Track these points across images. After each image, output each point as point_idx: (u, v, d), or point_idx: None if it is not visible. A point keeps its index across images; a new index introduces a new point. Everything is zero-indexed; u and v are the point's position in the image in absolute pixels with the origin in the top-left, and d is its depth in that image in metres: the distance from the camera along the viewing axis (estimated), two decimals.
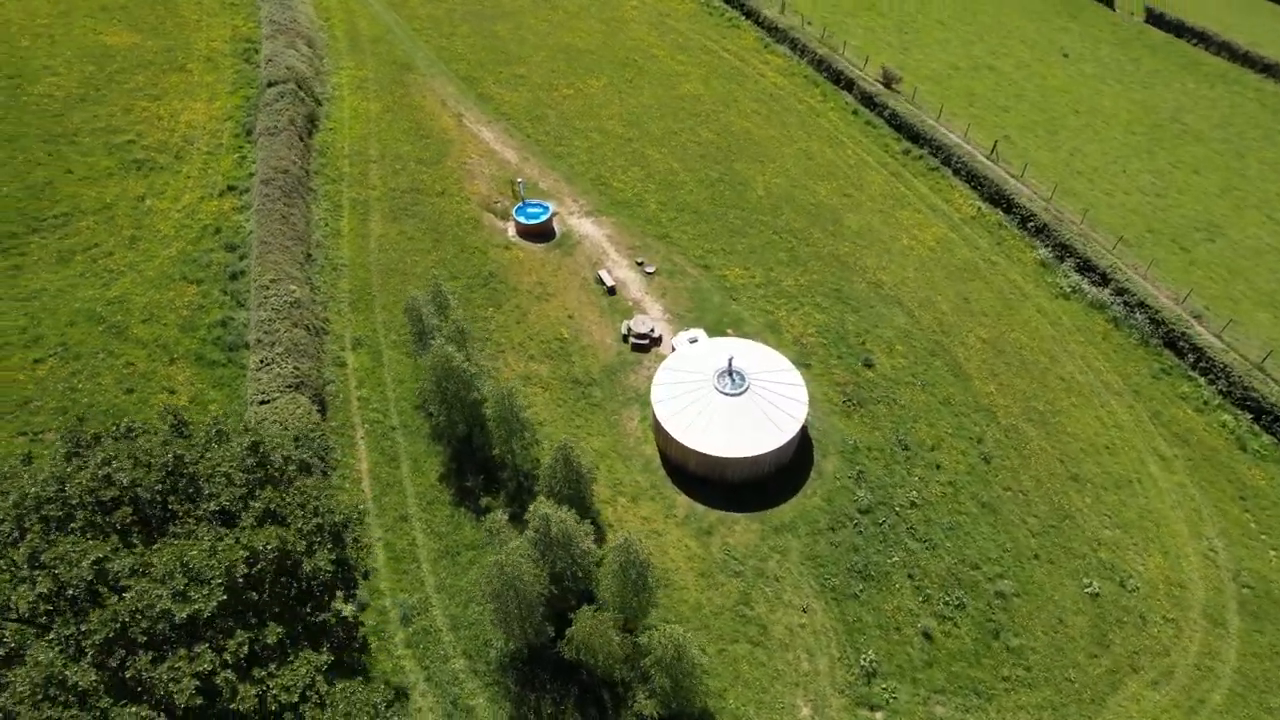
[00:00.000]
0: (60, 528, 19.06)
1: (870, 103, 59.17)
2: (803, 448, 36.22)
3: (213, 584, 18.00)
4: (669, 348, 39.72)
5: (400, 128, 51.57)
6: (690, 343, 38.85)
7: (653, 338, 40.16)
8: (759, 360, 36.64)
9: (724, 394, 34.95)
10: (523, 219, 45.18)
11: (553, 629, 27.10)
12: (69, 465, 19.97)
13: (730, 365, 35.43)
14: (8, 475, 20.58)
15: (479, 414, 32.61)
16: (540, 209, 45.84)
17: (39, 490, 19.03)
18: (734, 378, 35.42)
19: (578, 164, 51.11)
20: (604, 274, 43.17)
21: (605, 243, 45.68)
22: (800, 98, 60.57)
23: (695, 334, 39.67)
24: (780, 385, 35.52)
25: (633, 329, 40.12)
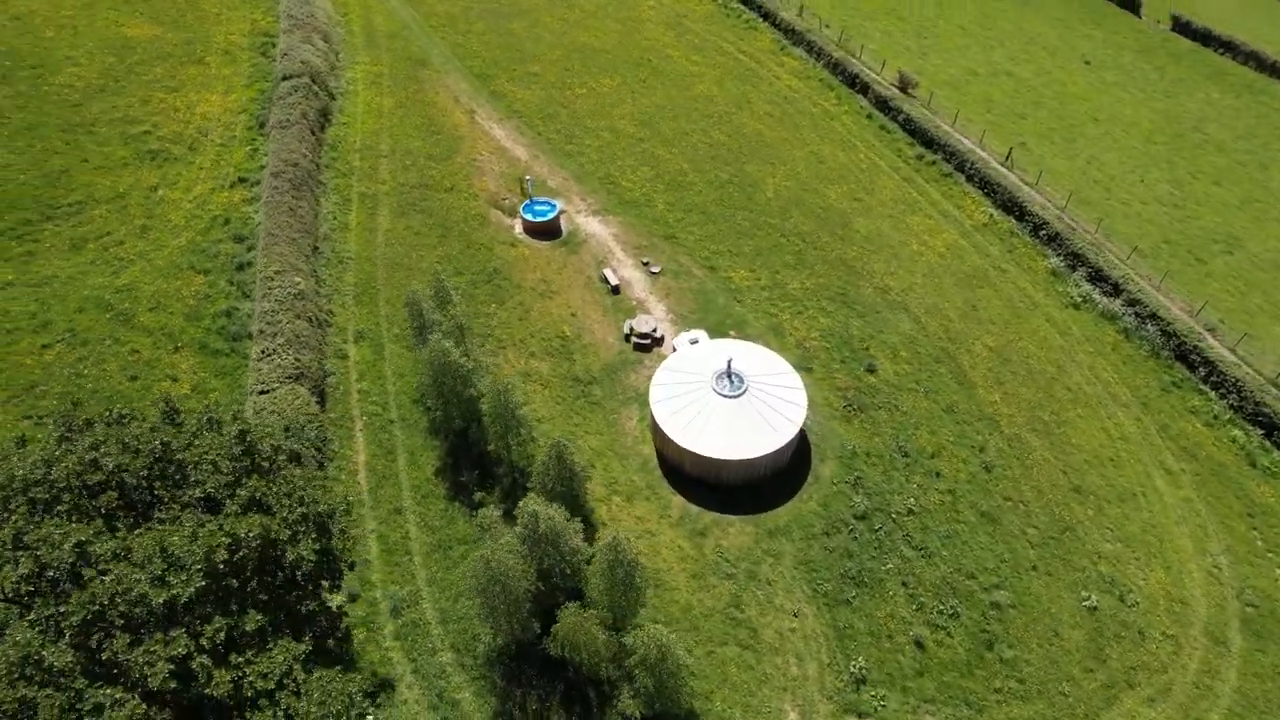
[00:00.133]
0: (47, 510, 19.33)
1: (885, 107, 58.77)
2: (801, 452, 36.01)
3: (192, 570, 18.17)
4: (671, 348, 39.65)
5: (412, 123, 51.88)
6: (691, 344, 38.77)
7: (655, 338, 40.11)
8: (759, 363, 36.47)
9: (722, 396, 34.83)
10: (530, 216, 45.31)
11: (539, 625, 27.12)
12: (58, 449, 20.25)
13: (729, 367, 35.30)
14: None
15: (476, 409, 32.71)
16: (547, 206, 45.95)
17: (27, 473, 19.31)
18: (732, 379, 35.28)
19: (587, 162, 51.17)
20: (609, 273, 43.17)
21: (611, 242, 45.69)
22: (814, 101, 60.27)
23: (696, 335, 39.58)
24: (779, 388, 35.33)
25: (635, 328, 40.09)
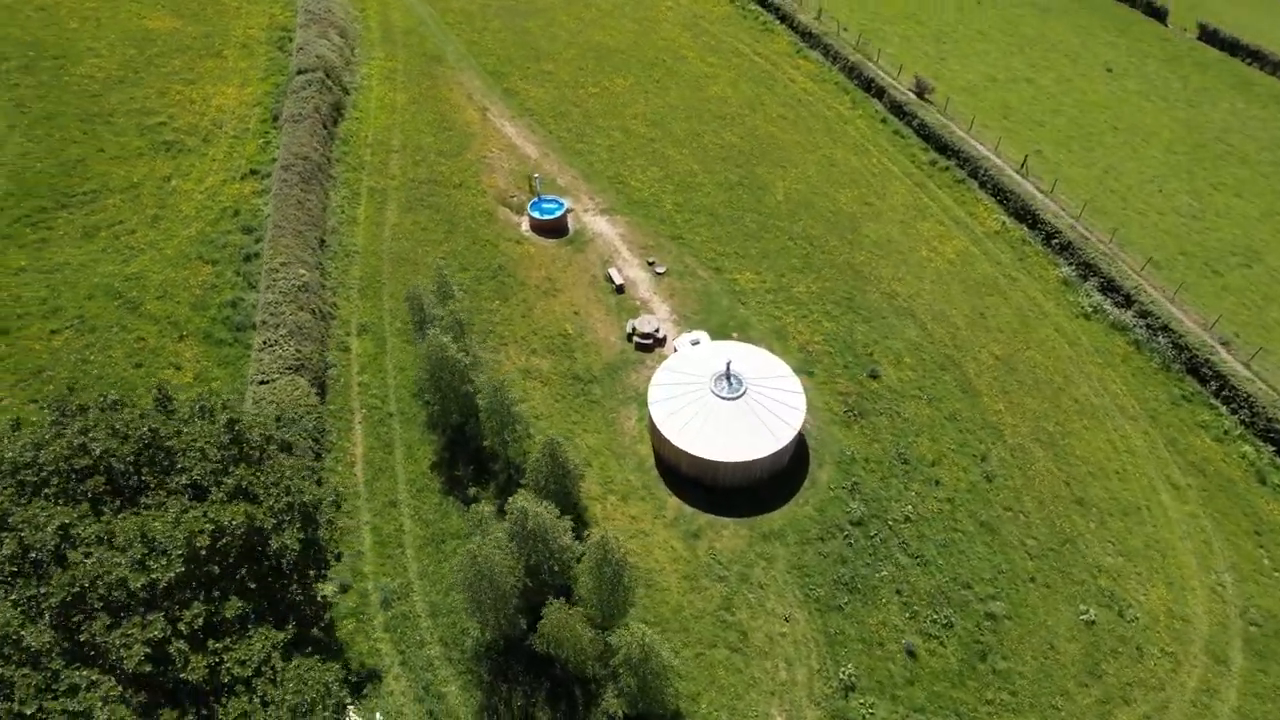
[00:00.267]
0: (36, 493, 19.60)
1: (900, 112, 58.35)
2: (799, 456, 35.80)
3: (172, 555, 18.35)
4: (672, 349, 39.56)
5: (424, 119, 52.19)
6: (692, 345, 38.66)
7: (657, 338, 40.04)
8: (759, 365, 36.31)
9: (720, 397, 34.70)
10: (537, 214, 45.41)
11: (526, 621, 27.14)
12: (49, 433, 20.53)
13: (728, 369, 35.16)
14: None
15: (473, 405, 32.79)
16: (555, 205, 46.03)
17: (16, 455, 19.60)
18: (731, 381, 35.14)
19: (597, 162, 51.21)
20: (613, 272, 43.16)
21: (618, 241, 45.69)
22: (829, 104, 59.96)
23: (697, 336, 39.47)
24: (778, 391, 35.15)
25: (637, 328, 40.04)
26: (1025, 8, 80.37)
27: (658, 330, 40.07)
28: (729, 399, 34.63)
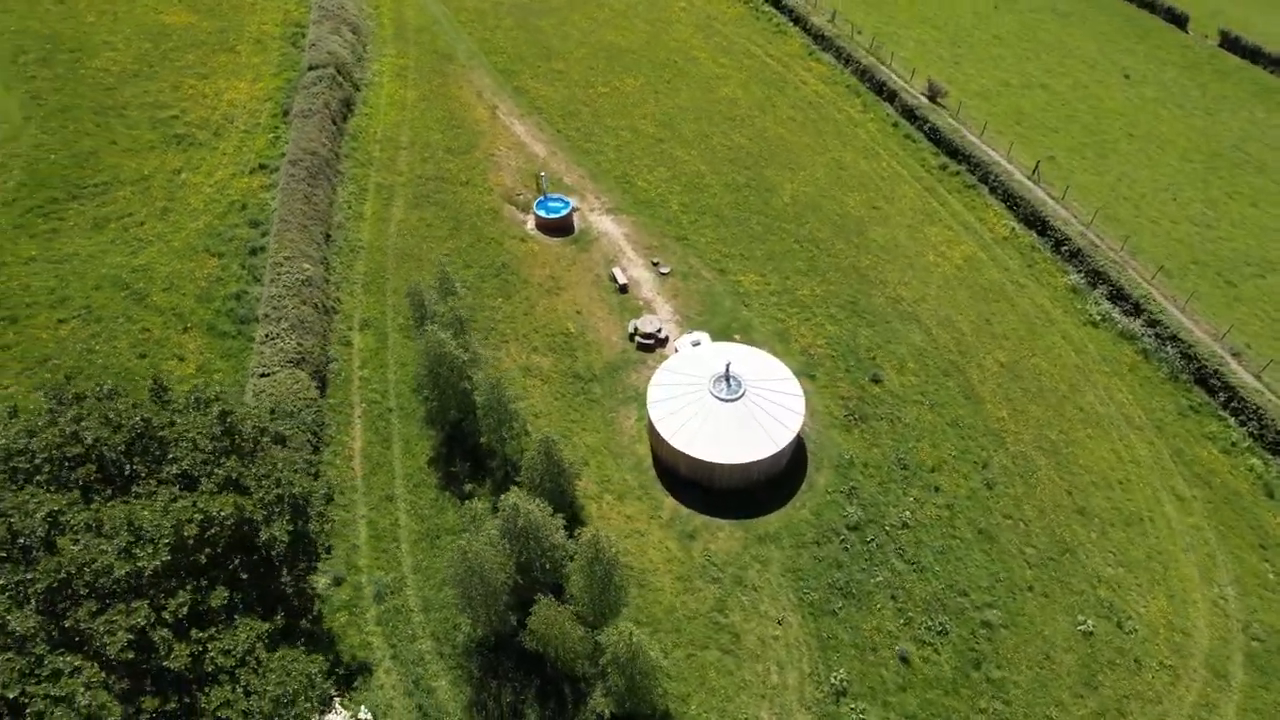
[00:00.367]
0: (28, 480, 19.81)
1: (911, 115, 57.99)
2: (797, 459, 35.65)
3: (158, 544, 18.50)
4: (673, 349, 39.51)
5: (434, 116, 52.40)
6: (693, 345, 38.58)
7: (659, 338, 40.01)
8: (759, 368, 36.18)
9: (719, 399, 34.60)
10: (543, 213, 45.49)
11: (516, 618, 27.17)
12: (44, 421, 20.75)
13: (727, 370, 35.06)
14: None
15: (470, 401, 32.86)
16: (561, 204, 46.09)
17: (9, 443, 19.82)
18: (730, 383, 35.03)
19: (605, 161, 51.24)
20: (617, 272, 43.16)
21: (623, 241, 45.68)
22: (840, 107, 59.70)
23: (698, 337, 39.39)
24: (778, 394, 35.01)
25: (639, 328, 40.02)
26: (1043, 13, 79.67)
27: (660, 330, 40.03)
28: (728, 401, 34.54)
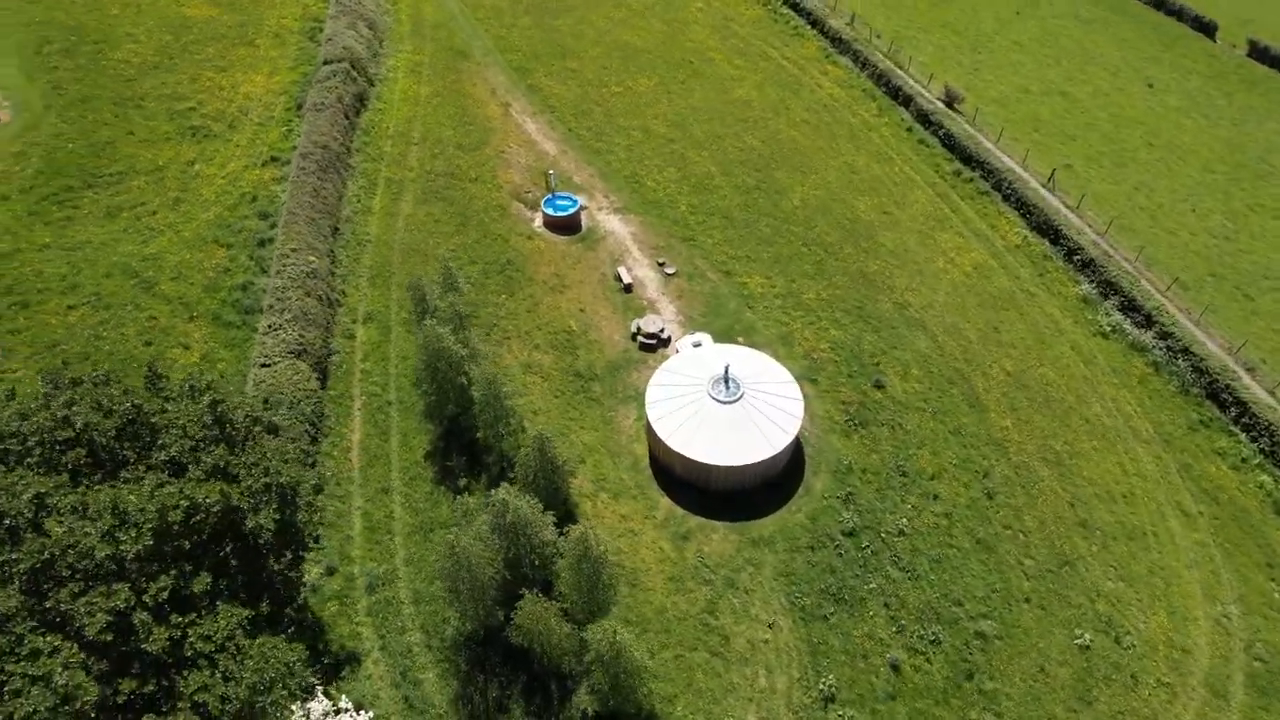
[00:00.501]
0: (19, 462, 20.12)
1: (926, 120, 57.54)
2: (795, 463, 35.45)
3: (142, 528, 18.72)
4: (675, 350, 39.43)
5: (446, 112, 52.67)
6: (694, 346, 38.49)
7: (661, 338, 39.95)
8: (759, 370, 36.02)
9: (717, 401, 34.49)
10: (550, 211, 45.58)
11: (504, 614, 27.18)
12: (38, 404, 21.07)
13: (726, 372, 34.94)
14: None
15: (468, 396, 32.96)
16: (569, 202, 46.15)
17: (2, 425, 20.14)
18: (729, 385, 34.90)
19: (615, 160, 51.26)
20: (622, 271, 43.15)
21: (629, 240, 45.68)
22: (854, 110, 59.34)
23: (700, 338, 39.30)
24: (776, 397, 34.84)
25: (642, 328, 39.98)
26: (1067, 19, 78.76)
27: (662, 331, 39.98)
28: (726, 403, 34.41)
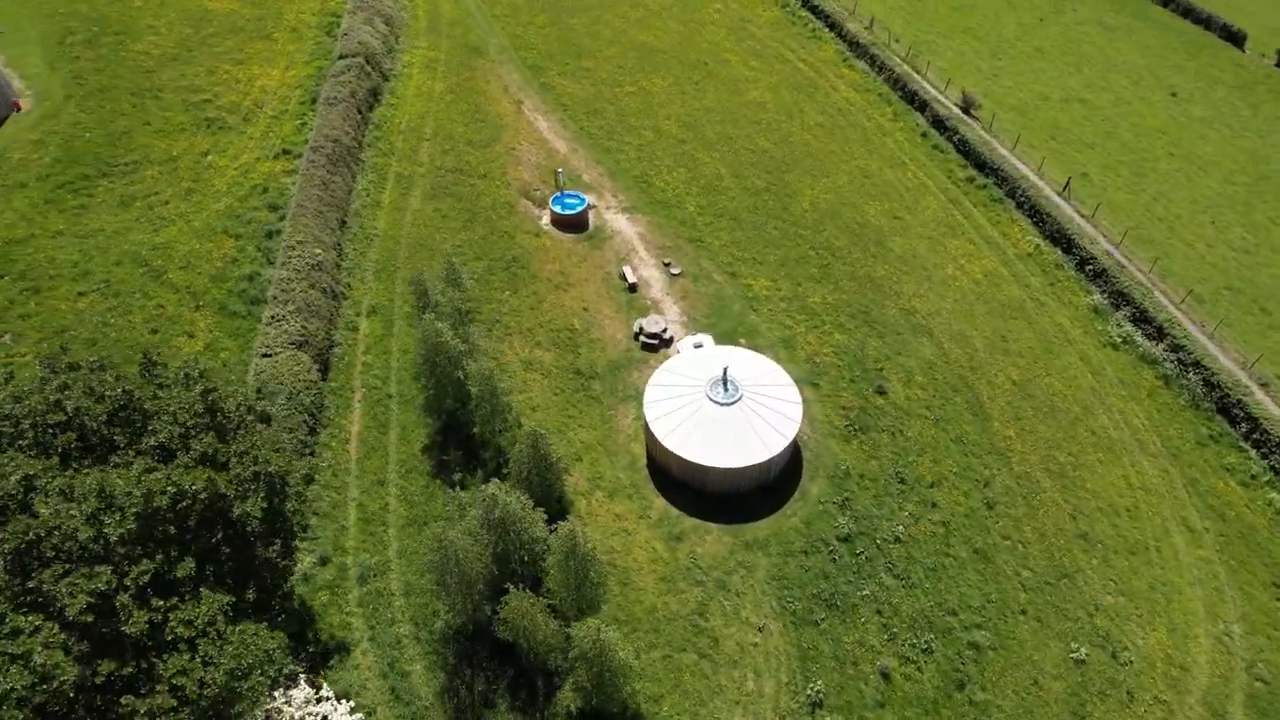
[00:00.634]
0: (11, 444, 20.44)
1: (941, 126, 57.04)
2: (793, 466, 35.26)
3: (126, 512, 18.94)
4: (676, 350, 39.36)
5: (459, 109, 52.93)
6: (695, 347, 38.40)
7: (664, 338, 39.90)
8: (758, 373, 35.86)
9: (715, 402, 34.37)
10: (558, 209, 45.67)
11: (491, 608, 27.23)
12: (33, 388, 21.39)
13: (725, 374, 34.81)
14: None
15: (466, 391, 33.08)
16: (577, 200, 46.21)
17: None
18: (727, 387, 34.78)
19: (625, 160, 51.27)
20: (627, 270, 43.14)
21: (636, 240, 45.65)
22: (869, 114, 58.96)
23: (701, 339, 39.19)
24: (775, 401, 34.67)
25: (644, 328, 39.95)
26: (1090, 26, 77.78)
27: (665, 331, 39.92)
28: (724, 404, 34.29)
